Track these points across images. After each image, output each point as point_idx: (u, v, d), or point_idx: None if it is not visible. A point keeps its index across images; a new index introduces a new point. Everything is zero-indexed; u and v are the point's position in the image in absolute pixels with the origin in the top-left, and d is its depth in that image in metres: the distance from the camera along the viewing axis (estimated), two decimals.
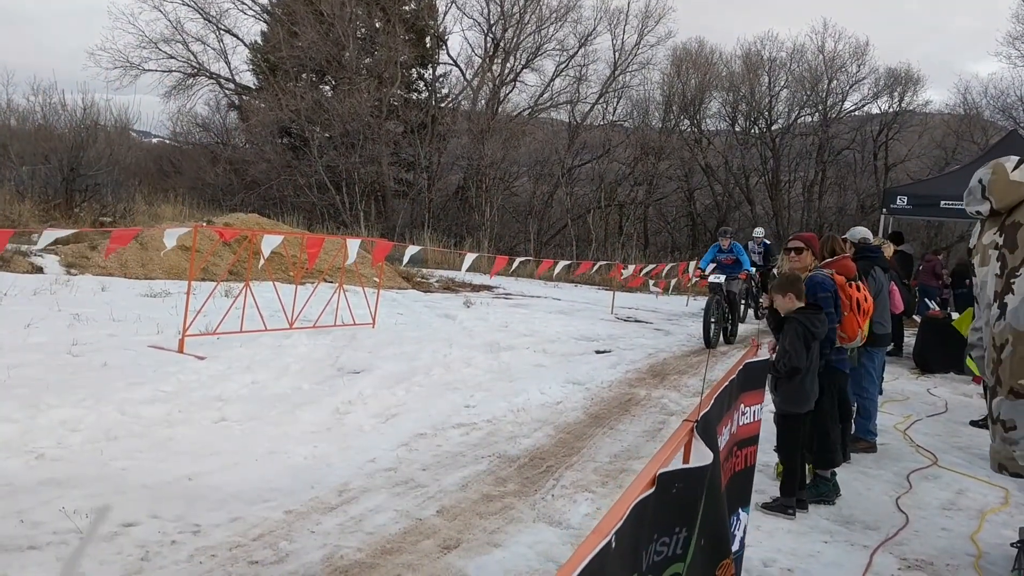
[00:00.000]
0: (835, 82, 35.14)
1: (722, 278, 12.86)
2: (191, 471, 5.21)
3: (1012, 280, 2.83)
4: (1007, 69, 51.99)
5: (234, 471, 5.35)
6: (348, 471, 5.53)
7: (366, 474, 5.51)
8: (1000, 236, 2.91)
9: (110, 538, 4.14)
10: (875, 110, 35.71)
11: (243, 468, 5.43)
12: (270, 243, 9.83)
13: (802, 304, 5.45)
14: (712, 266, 13.62)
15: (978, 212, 3.05)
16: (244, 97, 35.26)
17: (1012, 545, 4.86)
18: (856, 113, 35.93)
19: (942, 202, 14.58)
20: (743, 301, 16.21)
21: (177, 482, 5.02)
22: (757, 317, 16.55)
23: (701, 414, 2.13)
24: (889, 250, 9.38)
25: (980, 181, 3.01)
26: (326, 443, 6.14)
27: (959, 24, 59.42)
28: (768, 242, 17.22)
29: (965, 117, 34.28)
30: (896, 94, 35.07)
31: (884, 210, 15.20)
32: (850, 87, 35.25)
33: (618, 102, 36.65)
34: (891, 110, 35.21)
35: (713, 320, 12.41)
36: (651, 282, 20.81)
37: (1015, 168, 2.92)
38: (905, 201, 14.83)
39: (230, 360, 8.30)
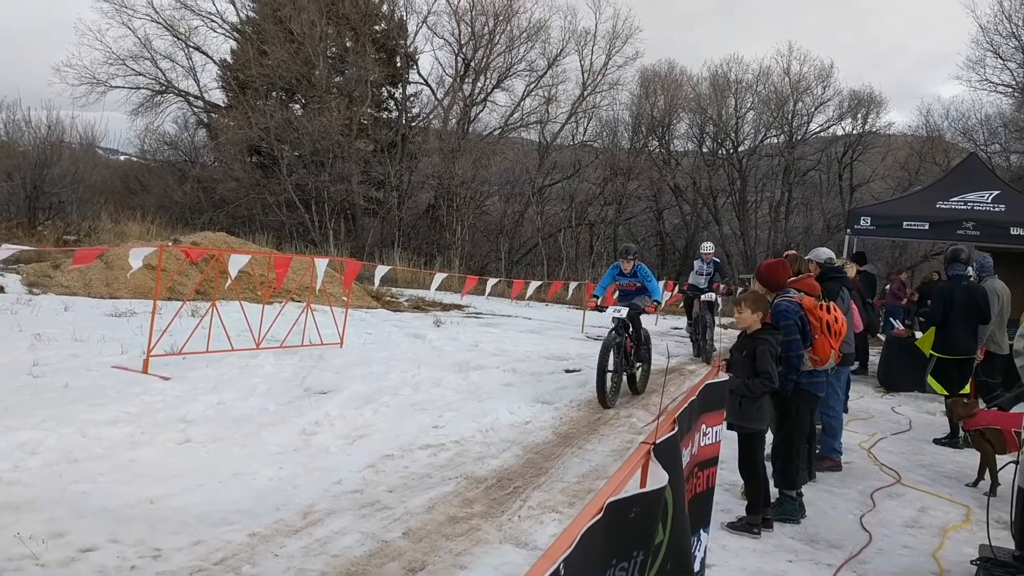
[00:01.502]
0: (800, 104, 35.68)
1: (623, 311, 9.64)
2: (153, 494, 5.14)
3: None
4: (967, 92, 53.11)
5: (198, 493, 5.28)
6: (314, 493, 5.48)
7: (332, 496, 5.46)
8: None
9: (67, 564, 4.07)
10: (840, 131, 36.30)
11: (207, 490, 5.36)
12: (237, 262, 9.76)
13: (767, 323, 5.50)
14: (612, 294, 10.86)
15: None
16: (213, 115, 35.03)
17: (972, 562, 4.93)
18: (821, 134, 36.47)
19: (904, 223, 14.81)
20: (698, 335, 14.13)
21: (139, 505, 4.95)
22: (698, 353, 14.19)
23: (659, 436, 2.14)
24: (852, 270, 9.53)
25: None
26: (292, 464, 6.08)
27: (922, 47, 60.68)
28: (718, 260, 14.84)
29: (927, 139, 34.91)
30: (860, 116, 35.69)
31: (848, 230, 15.39)
32: (815, 109, 35.82)
33: (588, 122, 36.95)
34: (855, 132, 35.80)
35: (610, 369, 9.15)
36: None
37: None
38: (869, 222, 15.04)
39: (195, 380, 8.21)
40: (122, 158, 39.43)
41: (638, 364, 10.07)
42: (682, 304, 14.93)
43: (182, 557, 4.26)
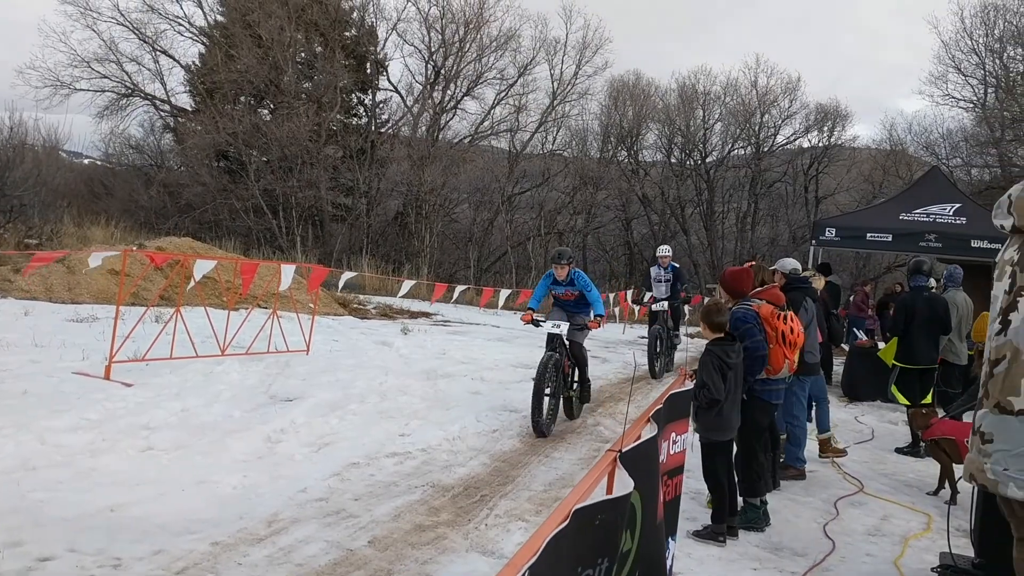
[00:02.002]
0: (767, 116, 36.07)
1: (563, 327, 8.39)
2: (114, 502, 5.06)
3: (1019, 298, 2.89)
4: (930, 107, 54.08)
5: (160, 502, 5.21)
6: (278, 501, 5.43)
7: (297, 504, 5.41)
8: (1017, 253, 2.97)
9: (23, 573, 3.99)
10: (806, 144, 36.75)
11: (169, 499, 5.29)
12: (203, 268, 9.66)
13: (720, 335, 5.55)
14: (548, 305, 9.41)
15: (1002, 226, 3.10)
16: (180, 119, 34.67)
17: (933, 570, 4.99)
18: (788, 147, 36.90)
19: (868, 234, 15.03)
20: (657, 351, 12.74)
21: (99, 514, 4.87)
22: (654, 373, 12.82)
23: (626, 445, 2.15)
24: (820, 282, 9.64)
25: (1009, 196, 3.06)
26: (256, 472, 6.02)
27: (887, 62, 61.66)
28: (676, 265, 13.62)
29: (891, 152, 35.48)
30: (826, 129, 36.18)
31: (813, 241, 15.58)
32: (782, 121, 36.23)
33: (557, 131, 37.06)
34: (821, 144, 36.27)
35: (547, 392, 8.11)
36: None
37: None
38: (833, 233, 15.24)
39: (159, 387, 8.10)
40: (86, 161, 38.88)
41: (575, 386, 8.95)
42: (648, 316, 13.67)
43: (142, 567, 4.19)
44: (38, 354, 9.00)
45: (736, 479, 5.76)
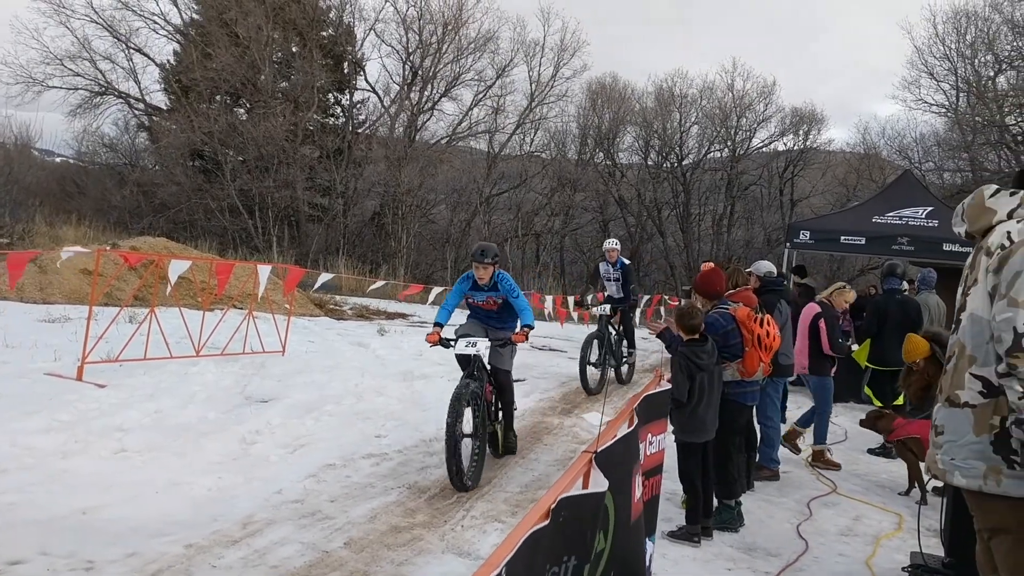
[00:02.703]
0: (743, 119, 36.37)
1: (479, 345, 6.61)
2: (86, 504, 5.01)
3: (966, 298, 3.05)
4: (903, 112, 54.78)
5: (132, 504, 5.17)
6: (253, 503, 5.40)
7: (272, 506, 5.39)
8: (970, 258, 3.14)
9: None
10: (781, 147, 37.10)
11: (142, 501, 5.25)
12: (178, 268, 9.59)
13: (693, 336, 5.59)
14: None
15: (959, 233, 3.26)
16: (154, 118, 34.35)
17: (903, 569, 5.06)
18: (763, 150, 37.23)
19: (842, 237, 15.18)
20: (592, 360, 10.86)
21: (71, 516, 4.82)
22: (620, 380, 11.82)
23: (601, 445, 2.17)
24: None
25: (963, 203, 3.21)
26: (231, 474, 5.98)
27: (861, 67, 62.32)
28: (627, 261, 11.95)
29: (865, 156, 35.89)
30: (801, 132, 36.53)
31: (788, 244, 15.71)
32: (758, 125, 36.56)
33: (535, 133, 37.14)
34: (796, 148, 36.61)
35: (465, 433, 6.23)
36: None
37: (992, 195, 3.10)
38: (808, 236, 15.38)
39: (132, 388, 8.03)
40: (58, 160, 38.45)
41: (500, 420, 7.16)
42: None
43: (115, 569, 4.16)
44: (9, 355, 8.89)
45: (711, 480, 5.80)
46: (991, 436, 2.90)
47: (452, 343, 6.75)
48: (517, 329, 7.01)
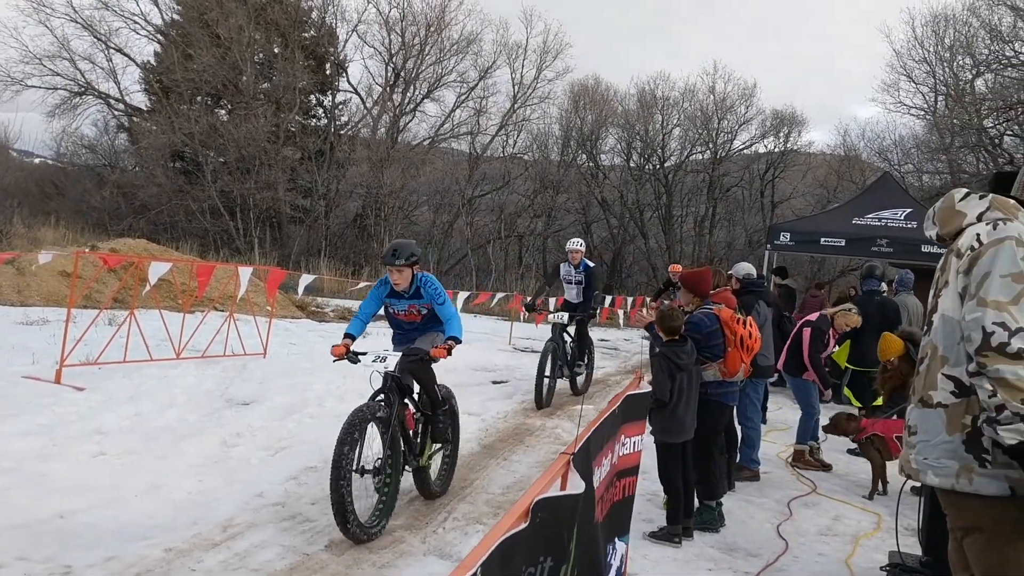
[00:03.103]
0: (725, 122, 36.60)
1: (390, 360, 5.48)
2: (65, 508, 4.97)
3: (937, 299, 3.11)
4: (883, 114, 55.27)
5: (112, 507, 5.13)
6: (234, 506, 5.37)
7: (253, 509, 5.36)
8: (941, 261, 3.19)
9: None
10: (762, 149, 37.34)
11: (122, 504, 5.21)
12: (158, 270, 9.53)
13: (673, 337, 5.63)
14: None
15: (930, 236, 3.32)
16: (135, 119, 34.12)
17: (882, 568, 5.10)
18: (745, 152, 37.46)
19: (822, 239, 15.29)
20: (547, 373, 9.87)
21: (49, 520, 4.78)
22: (575, 391, 10.92)
23: (579, 447, 2.18)
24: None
25: (934, 207, 3.27)
26: (212, 477, 5.95)
27: (842, 70, 62.81)
28: (591, 264, 10.87)
29: (845, 158, 36.18)
30: (782, 135, 36.78)
31: (769, 245, 15.81)
32: (739, 127, 36.81)
33: (518, 135, 37.24)
34: (777, 150, 36.85)
35: (367, 468, 5.16)
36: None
37: (962, 199, 3.15)
38: (788, 237, 15.48)
39: (112, 391, 7.97)
40: (37, 161, 38.12)
41: (435, 447, 6.05)
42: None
43: (94, 573, 4.13)
44: None
45: (692, 480, 5.83)
46: (963, 435, 2.94)
47: (360, 356, 5.54)
48: (440, 343, 5.74)
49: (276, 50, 33.30)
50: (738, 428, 7.38)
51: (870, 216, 15.21)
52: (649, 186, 36.95)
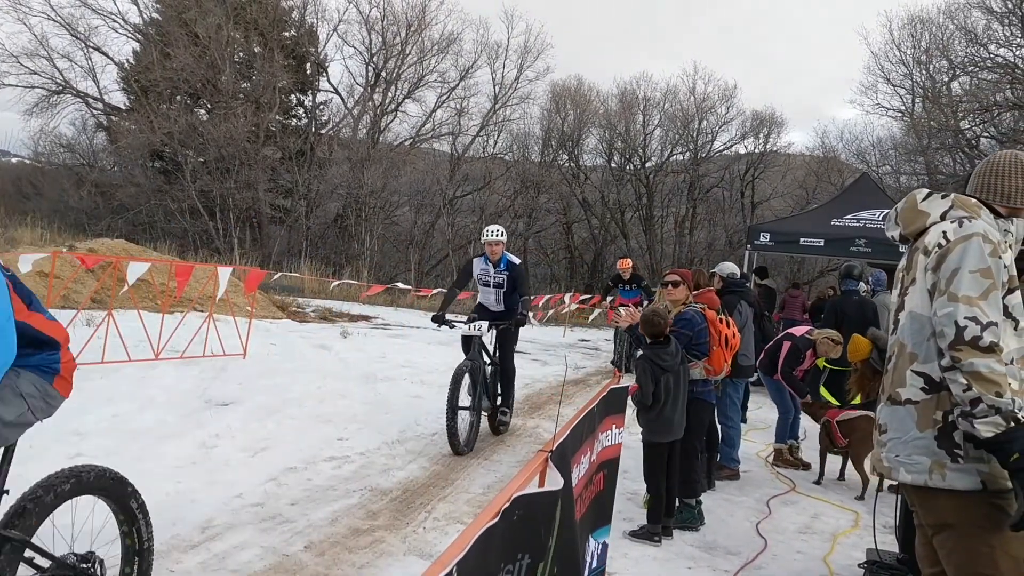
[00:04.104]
0: (705, 122, 36.75)
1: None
2: None
3: (903, 298, 3.13)
4: (861, 116, 55.70)
5: (88, 509, 5.08)
6: (213, 507, 5.35)
7: (232, 510, 5.34)
8: (905, 260, 3.22)
9: None
10: (742, 150, 37.53)
11: (98, 506, 5.17)
12: (136, 270, 9.46)
13: (658, 339, 5.66)
14: None
15: (892, 237, 3.35)
16: (113, 118, 33.86)
17: (860, 565, 5.15)
18: (725, 152, 37.63)
19: (801, 239, 15.37)
20: (468, 406, 7.66)
21: None
22: (494, 430, 8.45)
23: (557, 444, 2.19)
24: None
25: (895, 208, 3.31)
26: (190, 478, 5.92)
27: (821, 72, 63.29)
28: (516, 261, 8.44)
29: (824, 159, 36.44)
30: (761, 136, 36.99)
31: (749, 246, 15.89)
32: (719, 128, 36.96)
33: (499, 135, 37.26)
34: (757, 151, 37.05)
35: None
36: (529, 313, 21.04)
37: (924, 199, 3.20)
38: (768, 238, 15.56)
39: (89, 392, 7.89)
40: (14, 160, 37.79)
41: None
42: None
43: None
44: None
45: (674, 480, 5.87)
46: (935, 431, 2.96)
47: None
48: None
49: (256, 49, 33.15)
50: (718, 427, 7.43)
51: (849, 217, 15.32)
52: (630, 186, 37.05)
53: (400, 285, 20.58)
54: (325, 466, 6.60)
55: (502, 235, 8.35)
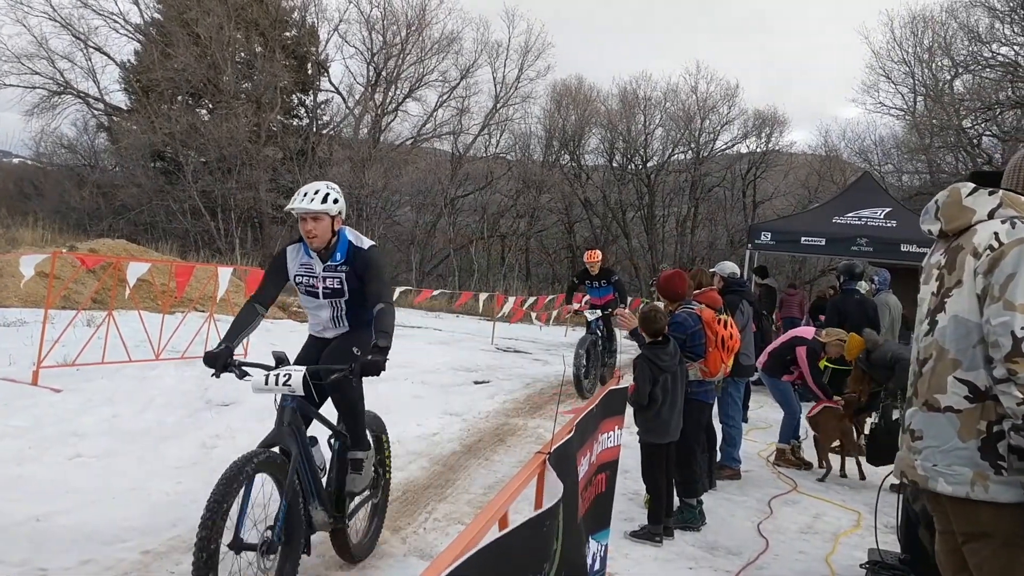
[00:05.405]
0: (707, 122, 36.71)
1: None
2: (41, 511, 4.91)
3: (945, 300, 2.98)
4: (863, 115, 55.65)
5: (89, 510, 5.08)
6: None
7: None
8: (944, 257, 3.06)
9: None
10: (744, 149, 37.49)
11: (99, 507, 5.16)
12: (136, 270, 9.45)
13: (656, 339, 5.64)
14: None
15: (930, 231, 3.19)
16: (114, 118, 33.83)
17: (861, 566, 5.12)
18: (727, 152, 37.59)
19: (802, 238, 15.34)
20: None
21: (25, 523, 4.73)
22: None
23: (555, 446, 2.17)
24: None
25: (936, 201, 3.15)
26: (191, 479, 5.90)
27: (823, 71, 63.21)
28: (365, 246, 4.85)
29: (826, 158, 36.41)
30: (764, 135, 36.95)
31: (750, 245, 15.86)
32: (721, 127, 36.94)
33: (500, 135, 37.25)
34: (759, 150, 37.01)
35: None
36: (533, 314, 21.05)
37: (969, 194, 3.05)
38: (769, 237, 15.52)
39: (90, 393, 7.90)
40: (16, 161, 37.76)
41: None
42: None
43: None
44: None
45: (675, 480, 5.85)
46: (978, 441, 2.85)
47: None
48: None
49: (257, 49, 33.12)
50: (719, 427, 7.41)
51: (850, 215, 15.29)
52: (631, 186, 37.02)
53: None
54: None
55: (328, 199, 4.56)
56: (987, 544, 2.87)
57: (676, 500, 5.90)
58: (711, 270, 8.18)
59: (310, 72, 35.05)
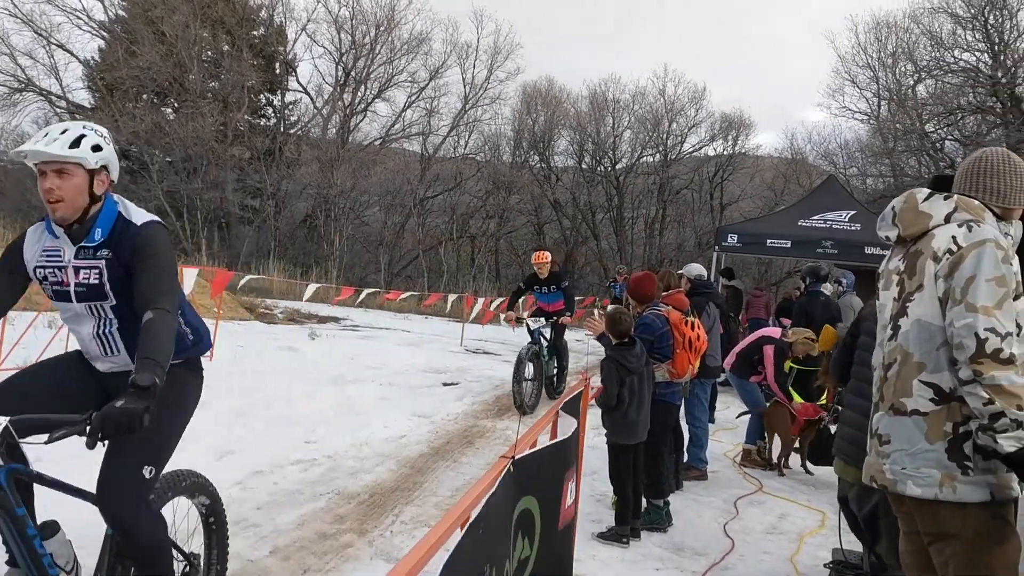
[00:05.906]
0: (675, 124, 36.95)
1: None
2: None
3: (907, 304, 3.02)
4: (829, 118, 56.38)
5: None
6: (178, 512, 5.26)
7: (197, 514, 5.25)
8: (903, 262, 3.11)
9: None
10: (711, 152, 37.77)
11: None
12: None
13: (623, 340, 5.67)
14: None
15: (887, 237, 3.23)
16: (77, 116, 33.30)
17: (825, 565, 5.19)
18: (694, 154, 37.84)
19: (768, 240, 15.48)
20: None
21: None
22: None
23: (517, 451, 2.17)
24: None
25: (893, 208, 3.20)
26: None
27: (790, 75, 63.79)
28: (139, 221, 3.41)
29: (792, 161, 36.80)
30: (730, 138, 37.26)
31: (717, 247, 15.98)
32: (688, 130, 37.17)
33: (470, 136, 37.20)
34: (726, 152, 37.32)
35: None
36: (502, 315, 21.04)
37: (925, 199, 3.10)
38: (736, 239, 15.65)
39: None
40: None
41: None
42: None
43: None
44: None
45: (641, 481, 5.87)
46: (945, 443, 2.89)
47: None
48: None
49: (224, 48, 32.79)
50: (685, 428, 7.45)
51: (815, 218, 15.45)
52: (601, 188, 37.15)
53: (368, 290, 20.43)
54: (292, 469, 6.53)
55: (84, 143, 3.29)
56: (951, 543, 2.91)
57: (643, 501, 5.92)
58: (678, 272, 8.23)
59: (278, 71, 34.78)
